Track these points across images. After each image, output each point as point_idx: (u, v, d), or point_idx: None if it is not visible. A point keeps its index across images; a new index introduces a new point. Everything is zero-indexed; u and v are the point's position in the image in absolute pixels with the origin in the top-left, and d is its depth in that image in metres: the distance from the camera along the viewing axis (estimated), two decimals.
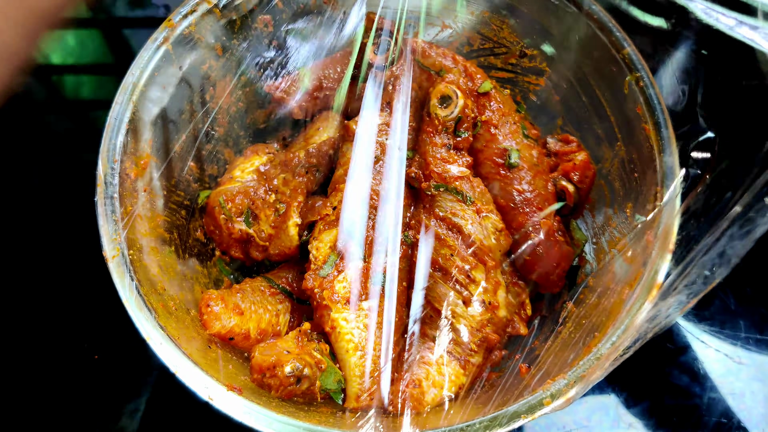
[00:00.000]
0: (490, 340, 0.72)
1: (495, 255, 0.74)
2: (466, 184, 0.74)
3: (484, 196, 0.75)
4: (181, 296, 0.74)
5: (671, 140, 0.68)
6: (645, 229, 0.68)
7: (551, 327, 0.80)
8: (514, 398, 0.61)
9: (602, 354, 0.60)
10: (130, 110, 0.71)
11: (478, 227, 0.73)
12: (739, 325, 0.96)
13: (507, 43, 0.88)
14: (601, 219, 0.80)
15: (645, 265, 0.65)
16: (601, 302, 0.71)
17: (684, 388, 0.92)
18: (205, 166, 0.87)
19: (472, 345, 0.72)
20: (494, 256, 0.73)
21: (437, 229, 0.73)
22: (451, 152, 0.76)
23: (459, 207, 0.74)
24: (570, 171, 0.80)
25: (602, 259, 0.77)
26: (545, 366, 0.70)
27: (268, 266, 0.88)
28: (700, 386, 0.92)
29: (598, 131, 0.80)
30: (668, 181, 0.67)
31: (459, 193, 0.73)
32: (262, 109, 0.94)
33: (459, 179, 0.74)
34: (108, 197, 0.67)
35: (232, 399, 0.59)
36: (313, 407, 0.69)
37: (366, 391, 0.70)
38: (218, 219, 0.82)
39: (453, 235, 0.73)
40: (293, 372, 0.66)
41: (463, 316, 0.72)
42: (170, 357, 0.61)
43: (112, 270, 0.64)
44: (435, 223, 0.74)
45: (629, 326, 0.61)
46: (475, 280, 0.72)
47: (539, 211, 0.76)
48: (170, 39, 0.75)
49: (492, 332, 0.72)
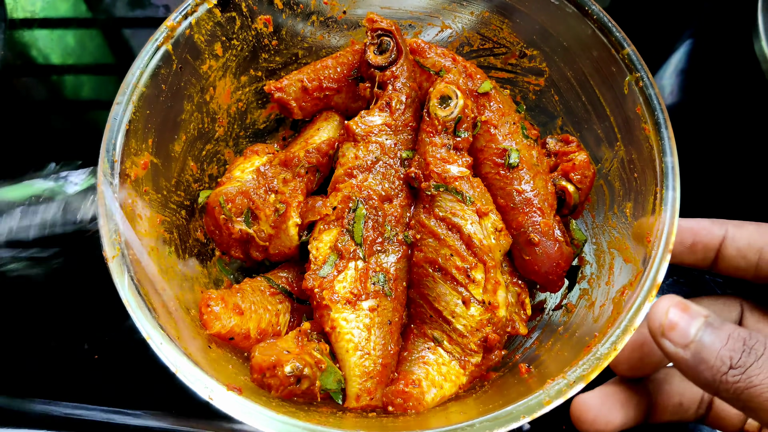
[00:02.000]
0: (490, 341, 0.72)
1: (495, 255, 0.73)
2: (465, 184, 0.74)
3: (483, 195, 0.75)
4: (181, 296, 0.74)
5: (671, 140, 0.68)
6: (645, 229, 0.68)
7: (551, 327, 0.80)
8: (514, 398, 0.61)
9: (602, 354, 0.60)
10: (130, 110, 0.71)
11: (478, 227, 0.72)
12: None
13: (507, 44, 0.88)
14: (601, 219, 0.80)
15: (645, 266, 0.65)
16: (601, 302, 0.71)
17: None
18: (205, 166, 0.87)
19: (472, 345, 0.72)
20: (494, 256, 0.73)
21: (437, 229, 0.73)
22: (451, 152, 0.75)
23: (459, 207, 0.73)
24: (570, 171, 0.80)
25: (602, 259, 0.77)
26: (545, 366, 0.70)
27: (268, 266, 0.88)
28: None
29: (597, 131, 0.80)
30: (668, 182, 0.67)
31: (459, 193, 0.73)
32: (262, 109, 0.94)
33: (459, 179, 0.73)
34: (108, 197, 0.67)
35: (232, 399, 0.59)
36: (313, 407, 0.69)
37: (366, 391, 0.71)
38: (218, 219, 0.82)
39: (453, 235, 0.72)
40: (293, 372, 0.66)
41: (462, 316, 0.72)
42: (170, 357, 0.61)
43: (112, 270, 0.64)
44: (435, 223, 0.73)
45: (628, 327, 0.61)
46: (474, 280, 0.71)
47: (539, 211, 0.76)
48: (170, 39, 0.75)
49: (491, 332, 0.72)
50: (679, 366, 0.57)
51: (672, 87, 1.19)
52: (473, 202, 0.73)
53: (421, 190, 0.76)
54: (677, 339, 0.56)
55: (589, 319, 0.72)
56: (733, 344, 0.54)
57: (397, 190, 0.78)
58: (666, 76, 1.21)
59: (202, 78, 0.81)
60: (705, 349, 0.55)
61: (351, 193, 0.76)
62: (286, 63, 0.91)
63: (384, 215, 0.76)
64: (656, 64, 1.21)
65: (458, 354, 0.73)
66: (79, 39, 1.23)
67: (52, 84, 1.19)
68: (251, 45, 0.85)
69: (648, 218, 0.68)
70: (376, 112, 0.79)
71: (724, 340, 0.54)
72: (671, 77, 1.20)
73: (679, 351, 0.56)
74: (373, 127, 0.79)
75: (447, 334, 0.73)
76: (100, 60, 1.21)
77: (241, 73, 0.87)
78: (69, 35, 1.23)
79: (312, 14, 0.87)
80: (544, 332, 0.80)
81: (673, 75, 1.21)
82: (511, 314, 0.77)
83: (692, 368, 0.55)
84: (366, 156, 0.78)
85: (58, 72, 1.20)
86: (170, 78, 0.76)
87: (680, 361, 0.56)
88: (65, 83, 1.19)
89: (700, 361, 0.54)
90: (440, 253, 0.73)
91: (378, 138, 0.78)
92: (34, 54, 1.21)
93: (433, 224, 0.73)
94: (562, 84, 0.85)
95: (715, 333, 0.55)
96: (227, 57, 0.84)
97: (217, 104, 0.86)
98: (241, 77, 0.87)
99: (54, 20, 1.24)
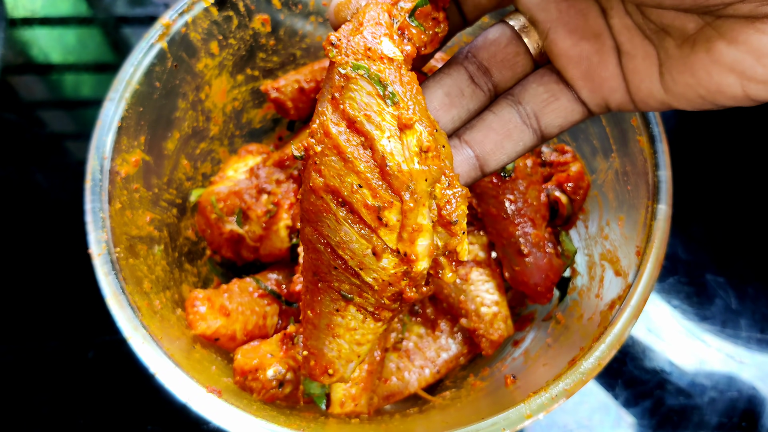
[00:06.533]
0: (407, 299, 0.56)
1: (418, 186, 0.52)
2: (394, 72, 0.51)
3: (414, 98, 0.52)
4: (168, 295, 0.73)
5: (665, 154, 0.67)
6: (636, 243, 0.67)
7: (540, 338, 0.79)
8: (496, 410, 0.60)
9: (586, 369, 0.59)
10: (123, 108, 0.71)
11: (396, 144, 0.51)
12: (740, 325, 0.96)
13: None
14: (594, 230, 0.79)
15: (634, 280, 0.64)
16: (589, 315, 0.71)
17: (685, 388, 0.92)
18: (198, 165, 0.86)
19: (385, 300, 0.56)
20: (416, 188, 0.52)
21: (343, 142, 0.51)
22: (394, 28, 0.53)
23: (376, 106, 0.51)
24: (564, 182, 0.79)
25: (593, 271, 0.77)
26: (532, 378, 0.69)
27: (259, 266, 0.88)
28: (701, 386, 0.92)
29: (593, 141, 0.79)
30: (660, 195, 0.66)
31: (381, 84, 0.50)
32: (258, 108, 0.93)
33: (388, 62, 0.51)
34: (96, 194, 0.67)
35: (211, 401, 0.59)
36: (296, 411, 0.69)
37: (350, 397, 0.70)
38: (209, 218, 0.82)
39: (363, 154, 0.51)
40: (275, 375, 0.65)
41: (371, 267, 0.54)
42: (151, 357, 0.61)
43: (97, 267, 0.64)
44: (342, 131, 0.51)
45: (614, 342, 0.60)
46: (387, 224, 0.52)
47: (531, 221, 0.75)
48: (165, 36, 0.75)
49: (408, 288, 0.56)
50: None
51: None
52: (397, 104, 0.51)
53: (333, 65, 0.52)
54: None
55: (576, 332, 0.71)
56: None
57: None
58: None
59: (198, 76, 0.81)
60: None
61: None
62: (284, 63, 0.91)
63: None
64: None
65: (372, 306, 0.57)
66: (79, 37, 1.23)
67: (52, 82, 1.19)
68: (248, 44, 0.85)
69: (639, 231, 0.67)
70: None
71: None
72: None
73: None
74: None
75: (357, 287, 0.56)
76: (100, 58, 1.21)
77: (237, 72, 0.87)
78: (69, 33, 1.23)
79: (311, 14, 0.87)
80: (533, 343, 0.79)
81: None
82: (437, 260, 0.57)
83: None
84: None
85: (57, 71, 1.20)
86: (165, 75, 0.76)
87: None
88: (65, 82, 1.20)
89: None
90: (344, 180, 0.52)
91: None
92: (35, 52, 1.22)
93: (340, 132, 0.51)
94: None
95: None
96: (223, 56, 0.83)
97: (213, 103, 0.85)
98: (237, 76, 0.87)
99: (54, 18, 1.25)
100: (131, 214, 0.72)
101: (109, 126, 0.70)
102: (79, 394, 0.91)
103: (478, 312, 0.78)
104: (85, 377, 0.92)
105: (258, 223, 0.81)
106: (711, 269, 1.00)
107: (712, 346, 0.95)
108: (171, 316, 0.71)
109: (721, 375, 0.93)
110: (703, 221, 1.03)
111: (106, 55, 1.22)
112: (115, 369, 0.93)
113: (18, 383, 0.92)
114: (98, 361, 0.93)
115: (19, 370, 0.93)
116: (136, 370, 0.91)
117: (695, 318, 0.97)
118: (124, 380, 0.92)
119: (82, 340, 0.95)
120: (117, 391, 0.92)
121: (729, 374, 0.93)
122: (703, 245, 1.02)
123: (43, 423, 0.89)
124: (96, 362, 0.93)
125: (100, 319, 0.95)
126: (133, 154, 0.73)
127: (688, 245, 1.02)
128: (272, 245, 0.81)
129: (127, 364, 0.92)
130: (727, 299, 0.98)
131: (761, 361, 0.93)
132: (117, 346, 0.94)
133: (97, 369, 0.93)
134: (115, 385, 0.92)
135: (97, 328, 0.96)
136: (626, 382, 0.92)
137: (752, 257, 1.01)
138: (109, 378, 0.92)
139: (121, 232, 0.69)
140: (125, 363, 0.92)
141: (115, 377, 0.92)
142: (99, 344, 0.94)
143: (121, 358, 0.93)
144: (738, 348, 0.95)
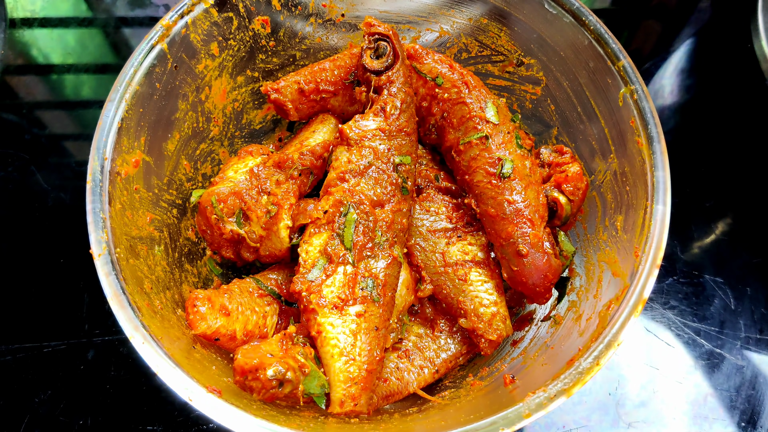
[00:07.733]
0: None
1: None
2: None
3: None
4: (168, 295, 0.74)
5: (663, 155, 0.68)
6: (634, 243, 0.67)
7: (539, 338, 0.80)
8: (495, 409, 0.61)
9: (584, 369, 0.60)
10: (123, 108, 0.71)
11: None
12: (739, 325, 0.96)
13: (504, 51, 0.88)
14: (592, 231, 0.80)
15: (632, 280, 0.65)
16: (588, 315, 0.71)
17: (683, 388, 0.92)
18: (198, 166, 0.87)
19: None
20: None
21: None
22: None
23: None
24: (562, 183, 0.79)
25: (591, 271, 0.77)
26: (530, 377, 0.70)
27: (259, 267, 0.88)
28: (700, 386, 0.92)
29: (592, 143, 0.80)
30: (658, 196, 0.66)
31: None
32: (258, 109, 0.94)
33: None
34: (96, 195, 0.67)
35: (212, 401, 0.59)
36: (295, 411, 0.69)
37: (350, 396, 0.70)
38: (210, 219, 0.82)
39: None
40: (275, 375, 0.65)
41: None
42: (152, 357, 0.61)
43: (98, 267, 0.64)
44: None
45: (612, 342, 0.60)
46: None
47: (529, 222, 0.76)
48: (166, 38, 0.75)
49: None
50: None
51: (672, 87, 1.19)
52: None
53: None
54: None
55: (575, 332, 0.71)
56: None
57: (389, 196, 0.77)
58: (666, 76, 1.20)
59: (198, 77, 0.82)
60: None
61: (342, 198, 0.76)
62: (284, 64, 0.91)
63: (375, 220, 0.76)
64: (656, 63, 1.21)
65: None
66: (79, 38, 1.23)
67: (52, 83, 1.20)
68: (248, 45, 0.85)
69: (637, 232, 0.67)
70: (371, 116, 0.79)
71: None
72: (671, 77, 1.20)
73: None
74: (366, 131, 0.78)
75: None
76: (100, 59, 1.21)
77: (237, 74, 0.87)
78: (69, 34, 1.23)
79: (310, 16, 0.87)
80: (532, 343, 0.79)
81: (673, 75, 1.20)
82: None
83: None
84: (359, 160, 0.77)
85: (58, 72, 1.20)
86: (165, 77, 0.77)
87: None
88: (65, 82, 1.20)
89: None
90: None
91: (371, 143, 0.78)
92: (35, 53, 1.22)
93: None
94: (559, 94, 0.84)
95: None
96: (224, 57, 0.84)
97: (213, 104, 0.86)
98: (237, 77, 0.87)
99: (54, 19, 1.25)
100: (132, 214, 0.72)
101: (110, 127, 0.70)
102: (79, 394, 0.91)
103: (477, 312, 0.78)
104: (85, 377, 0.93)
105: (258, 223, 0.81)
106: (709, 270, 1.01)
107: (710, 346, 0.95)
108: (171, 316, 0.71)
109: (720, 375, 0.93)
110: (701, 222, 1.04)
111: (106, 56, 1.22)
112: (115, 369, 0.93)
113: (18, 383, 0.92)
114: (98, 361, 0.94)
115: (19, 370, 0.93)
116: (136, 370, 0.93)
117: (694, 318, 0.97)
118: (124, 380, 0.92)
119: (82, 340, 0.95)
120: (117, 391, 0.92)
121: (728, 374, 0.93)
122: (701, 246, 1.02)
123: (43, 423, 0.89)
124: (96, 362, 0.93)
125: (100, 319, 0.96)
126: (134, 155, 0.73)
127: (687, 246, 1.02)
128: (272, 246, 0.81)
129: (127, 364, 0.94)
130: (726, 300, 0.98)
131: (760, 361, 0.94)
132: (117, 346, 0.95)
133: (97, 369, 0.93)
134: (115, 385, 0.92)
135: (97, 328, 0.96)
136: (625, 381, 0.93)
137: (751, 258, 1.01)
138: (109, 378, 0.92)
139: (121, 233, 0.69)
140: (125, 363, 0.93)
141: (115, 377, 0.92)
142: (99, 344, 0.95)
143: (121, 358, 0.94)
144: (736, 349, 0.95)
